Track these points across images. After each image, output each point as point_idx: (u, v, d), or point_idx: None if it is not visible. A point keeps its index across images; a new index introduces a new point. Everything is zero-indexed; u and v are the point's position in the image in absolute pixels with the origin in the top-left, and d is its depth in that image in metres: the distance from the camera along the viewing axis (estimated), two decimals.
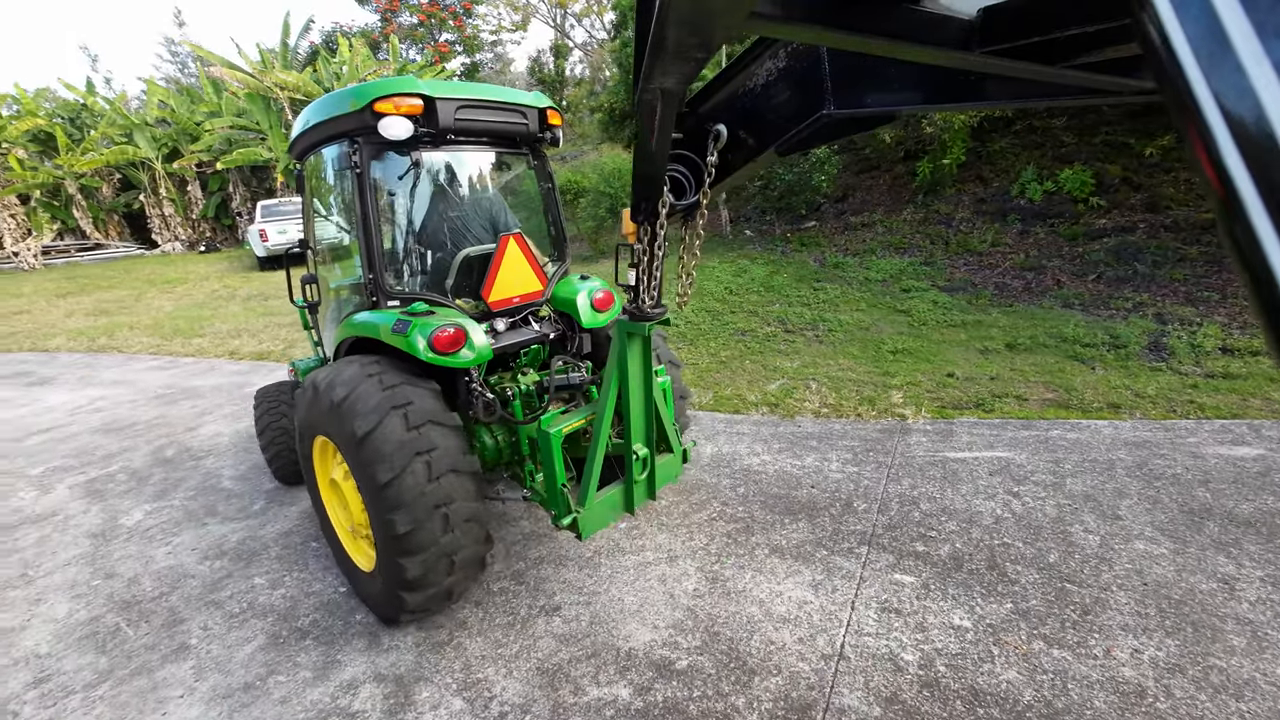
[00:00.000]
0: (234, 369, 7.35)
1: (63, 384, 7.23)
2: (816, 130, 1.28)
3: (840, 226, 11.76)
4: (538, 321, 3.07)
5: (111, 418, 5.85)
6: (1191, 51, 0.35)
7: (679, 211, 1.68)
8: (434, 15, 27.89)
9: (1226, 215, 0.34)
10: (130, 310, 12.03)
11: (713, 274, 10.29)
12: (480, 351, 2.53)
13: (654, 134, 1.30)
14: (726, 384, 5.72)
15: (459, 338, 2.45)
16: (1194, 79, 0.35)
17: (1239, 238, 0.34)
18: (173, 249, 21.08)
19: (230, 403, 6.06)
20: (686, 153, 1.58)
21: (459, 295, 2.94)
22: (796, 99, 1.29)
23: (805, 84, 1.26)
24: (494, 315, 2.92)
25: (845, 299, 8.50)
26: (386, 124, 2.49)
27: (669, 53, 0.88)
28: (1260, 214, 0.33)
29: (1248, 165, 0.33)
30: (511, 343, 2.90)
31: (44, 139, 20.43)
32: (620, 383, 2.35)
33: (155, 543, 3.52)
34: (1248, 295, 0.35)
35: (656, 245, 1.85)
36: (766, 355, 6.62)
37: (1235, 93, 0.33)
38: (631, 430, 2.48)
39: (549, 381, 2.89)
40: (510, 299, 2.93)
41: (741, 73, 1.40)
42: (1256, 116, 0.32)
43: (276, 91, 18.74)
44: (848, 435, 4.39)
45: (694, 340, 7.33)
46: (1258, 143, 0.33)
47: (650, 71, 0.97)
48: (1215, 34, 0.34)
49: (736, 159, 1.50)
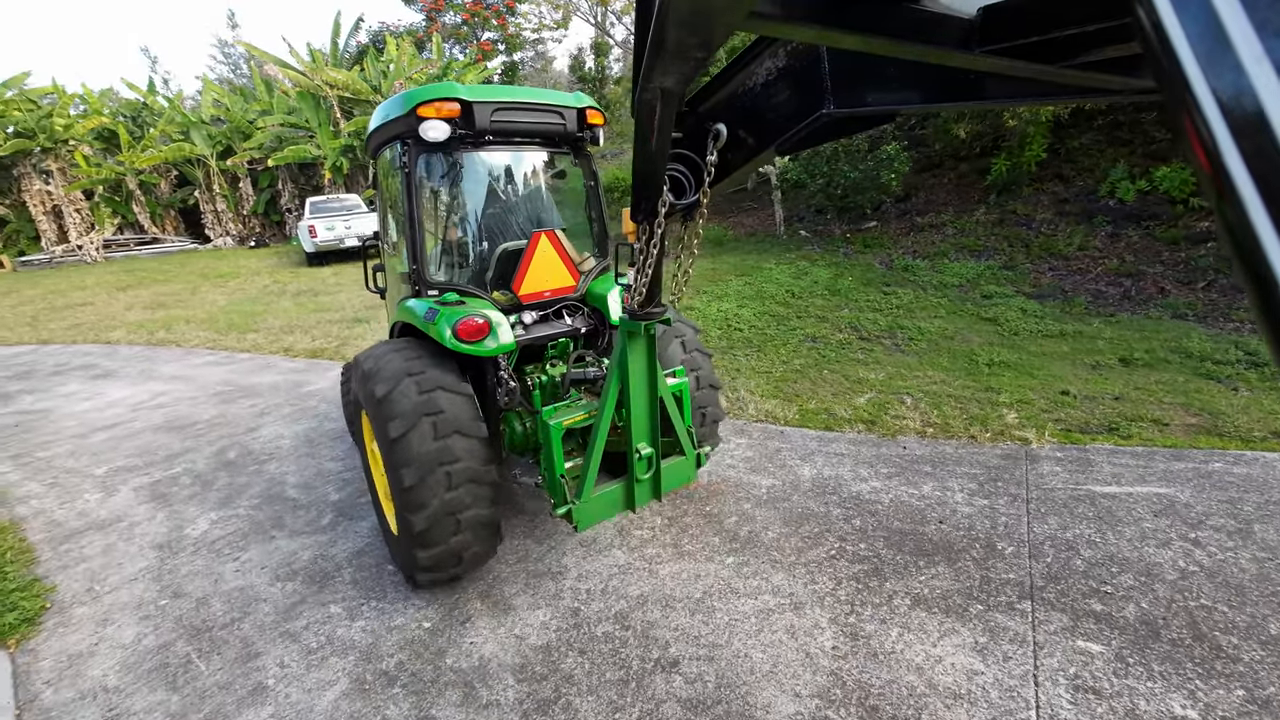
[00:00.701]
0: (289, 366, 7.24)
1: (124, 378, 7.23)
2: (816, 129, 1.27)
3: (905, 227, 11.12)
4: (571, 316, 3.16)
5: (173, 415, 5.76)
6: (1191, 50, 0.35)
7: (679, 211, 1.67)
8: (477, 14, 28.04)
9: (1225, 214, 0.34)
10: (186, 304, 12.22)
11: (771, 276, 9.82)
12: (503, 342, 2.66)
13: (654, 133, 1.29)
14: (808, 396, 5.27)
15: (483, 328, 2.58)
16: (1194, 78, 0.35)
17: (1238, 237, 0.34)
18: (224, 244, 21.62)
19: (288, 403, 5.90)
20: (686, 152, 1.57)
21: (496, 288, 3.07)
22: (796, 98, 1.28)
23: (805, 83, 1.25)
24: (525, 308, 3.03)
25: (921, 305, 7.94)
26: (426, 127, 2.66)
27: (669, 52, 0.87)
28: (1260, 213, 0.33)
29: (1247, 164, 0.33)
30: (538, 335, 3.00)
31: (107, 136, 21.22)
32: (621, 380, 2.36)
33: (223, 558, 3.29)
34: (1247, 294, 0.35)
35: (655, 244, 1.84)
36: (845, 365, 6.14)
37: (1235, 92, 0.33)
38: (634, 429, 2.46)
39: (565, 374, 3.02)
40: (541, 293, 3.04)
41: (741, 72, 1.39)
42: (1256, 115, 0.32)
43: (326, 90, 18.99)
44: (964, 460, 3.90)
45: (761, 346, 6.89)
46: (1257, 142, 0.32)
47: (650, 71, 0.97)
48: (1215, 33, 0.34)
49: (736, 158, 1.48)
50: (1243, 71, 0.32)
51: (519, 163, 3.31)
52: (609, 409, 2.42)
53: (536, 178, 3.42)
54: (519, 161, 3.30)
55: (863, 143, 9.72)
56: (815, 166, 10.25)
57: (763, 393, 5.41)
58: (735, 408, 5.09)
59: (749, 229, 14.35)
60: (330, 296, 11.88)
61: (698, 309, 8.62)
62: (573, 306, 3.19)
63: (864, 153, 9.77)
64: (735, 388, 5.58)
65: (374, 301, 11.03)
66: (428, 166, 2.96)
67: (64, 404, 6.32)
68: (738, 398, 5.32)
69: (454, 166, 3.01)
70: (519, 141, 3.05)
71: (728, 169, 1.52)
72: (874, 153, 9.76)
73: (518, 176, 3.35)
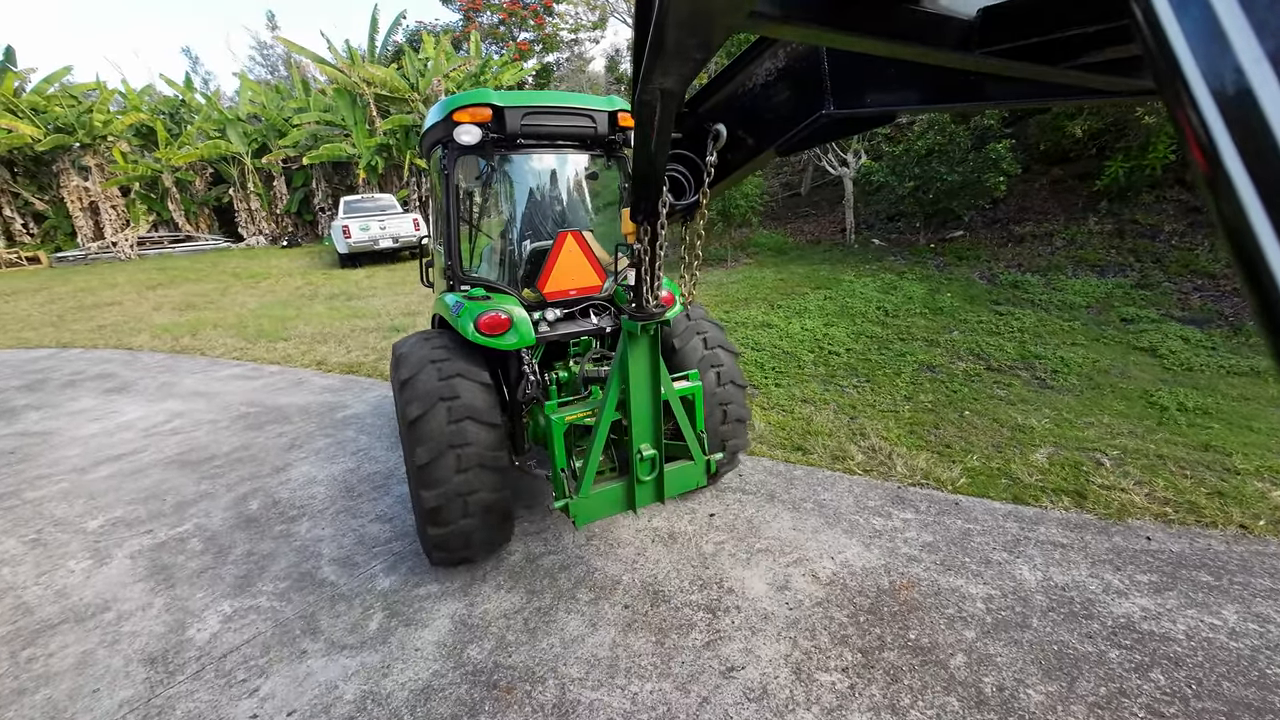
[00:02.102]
0: (323, 384, 6.38)
1: (141, 392, 6.45)
2: (815, 130, 1.25)
3: (1001, 237, 9.90)
4: (598, 315, 3.19)
5: (189, 444, 4.90)
6: (1190, 51, 0.35)
7: (679, 211, 1.66)
8: (515, 14, 27.49)
9: (1223, 215, 0.34)
10: (215, 305, 11.58)
11: (853, 289, 8.71)
12: (523, 336, 2.76)
13: (653, 134, 1.28)
14: (962, 447, 4.18)
15: (504, 322, 2.69)
16: (1192, 79, 0.35)
17: (1236, 238, 0.33)
18: (256, 243, 21.25)
19: (321, 432, 5.01)
20: (686, 152, 1.56)
21: (526, 285, 3.16)
22: (796, 99, 1.27)
23: (805, 84, 1.24)
24: (549, 305, 3.08)
25: (1048, 328, 6.76)
26: (460, 131, 2.78)
27: (668, 53, 0.88)
28: (1258, 213, 0.32)
29: (1245, 165, 0.33)
30: (563, 333, 3.06)
31: (145, 133, 21.03)
32: (622, 381, 2.36)
33: (235, 689, 2.34)
34: (1245, 295, 0.34)
35: (657, 244, 1.82)
36: (985, 403, 5.02)
37: (1234, 93, 0.33)
38: (636, 429, 2.46)
39: (580, 371, 3.12)
40: (565, 291, 3.09)
41: (741, 73, 1.38)
42: (1255, 116, 0.32)
43: (363, 87, 18.45)
44: (1254, 566, 2.78)
45: (870, 376, 5.80)
46: (1256, 143, 0.32)
47: (650, 72, 0.97)
48: (1214, 34, 0.34)
49: (736, 159, 1.48)
50: (1241, 72, 0.32)
51: (551, 165, 3.38)
52: (610, 407, 2.43)
53: (568, 179, 3.49)
54: (551, 164, 3.38)
55: (965, 139, 8.55)
56: (904, 168, 9.11)
57: (901, 440, 4.33)
58: (876, 462, 4.02)
59: (810, 236, 13.24)
60: (364, 301, 11.11)
61: (776, 325, 7.56)
62: (600, 306, 3.22)
63: (965, 152, 8.60)
64: (861, 431, 4.51)
65: (410, 308, 10.23)
66: (464, 168, 3.09)
67: (71, 425, 5.53)
68: (871, 446, 4.25)
69: (487, 168, 3.15)
70: (550, 144, 3.10)
71: (727, 169, 1.50)
72: (977, 152, 8.58)
73: (550, 178, 3.43)
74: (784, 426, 4.74)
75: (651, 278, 1.97)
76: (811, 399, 5.35)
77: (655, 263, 1.90)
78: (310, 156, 18.23)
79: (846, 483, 3.79)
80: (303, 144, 19.39)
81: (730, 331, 7.58)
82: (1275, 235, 0.31)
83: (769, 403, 5.29)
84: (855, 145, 10.60)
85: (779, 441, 4.45)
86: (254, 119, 21.39)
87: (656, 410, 2.48)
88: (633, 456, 2.51)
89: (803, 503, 3.56)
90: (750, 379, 5.92)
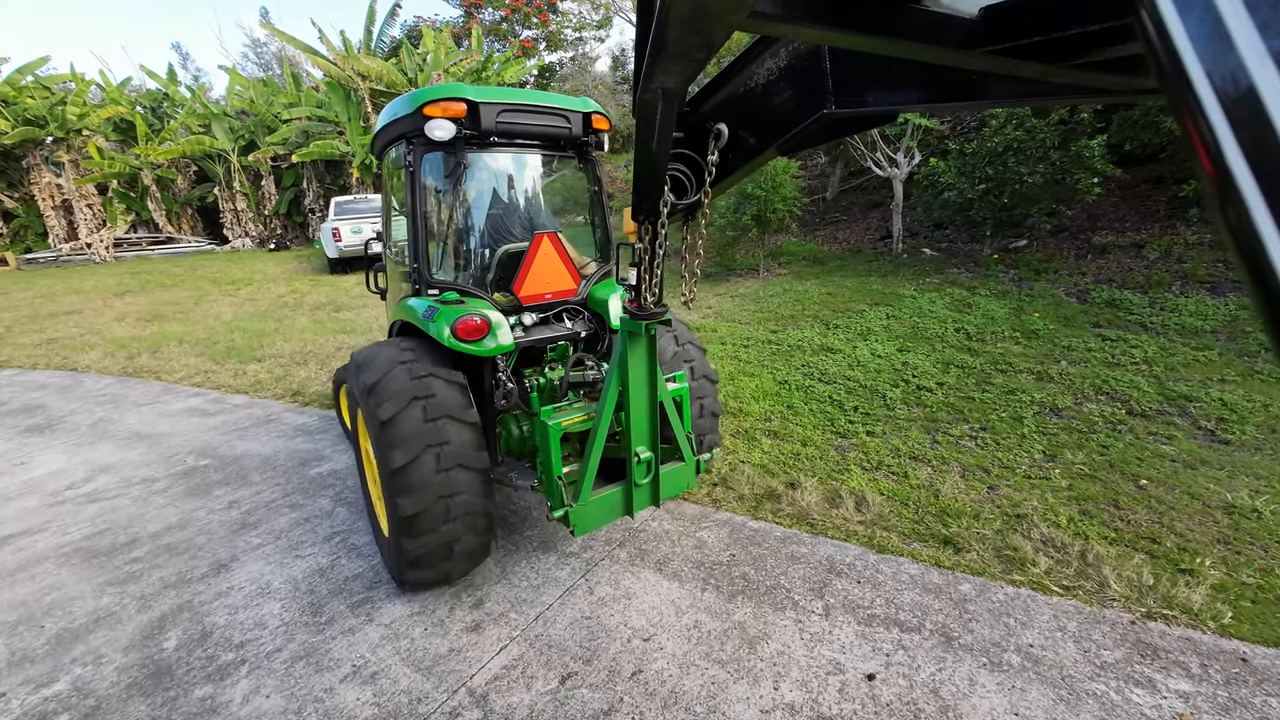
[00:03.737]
0: (297, 424, 5.13)
1: (69, 433, 5.18)
2: (817, 129, 1.24)
3: (1077, 247, 8.75)
4: (572, 319, 3.11)
5: (106, 520, 3.65)
6: (1194, 50, 0.35)
7: (680, 210, 1.65)
8: (518, 10, 26.43)
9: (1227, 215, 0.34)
10: (186, 316, 10.30)
11: (918, 307, 7.55)
12: (501, 342, 2.62)
13: (655, 133, 1.28)
14: (1172, 542, 2.99)
15: (481, 327, 2.55)
16: (1196, 78, 0.34)
17: (1240, 238, 0.33)
18: (242, 245, 19.94)
19: (286, 500, 3.77)
20: (688, 152, 1.55)
21: (497, 289, 3.05)
22: (797, 98, 1.26)
23: (806, 83, 1.23)
24: (525, 309, 2.97)
25: (1179, 360, 5.60)
26: (431, 126, 2.64)
27: (670, 52, 0.87)
28: (1262, 212, 0.32)
29: (1250, 164, 0.33)
30: (538, 337, 2.95)
31: (125, 128, 19.73)
32: (621, 382, 2.31)
33: None
34: (1250, 296, 0.35)
35: (658, 244, 1.80)
36: (1155, 465, 3.84)
37: (1238, 92, 0.33)
38: (634, 432, 2.40)
39: (564, 376, 3.01)
40: (541, 295, 3.00)
41: (742, 72, 1.38)
42: (1259, 116, 0.32)
43: (358, 81, 17.26)
44: None
45: (984, 423, 4.61)
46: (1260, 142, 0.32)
47: (651, 71, 0.97)
48: (1218, 33, 0.34)
49: (738, 158, 1.47)
50: (1245, 71, 0.32)
51: (523, 165, 3.24)
52: (608, 411, 2.36)
53: (540, 180, 3.37)
54: (523, 164, 3.24)
55: (1049, 135, 7.42)
56: (975, 168, 7.97)
57: (1082, 530, 3.14)
58: (1071, 570, 2.82)
59: (847, 244, 12.08)
60: (354, 313, 9.87)
61: (840, 349, 6.38)
62: (573, 310, 3.14)
63: (1047, 150, 7.46)
64: (1017, 510, 3.32)
65: None
66: (432, 166, 2.89)
67: None
68: (1046, 539, 3.06)
69: (458, 167, 2.91)
70: (524, 144, 3.01)
71: (729, 169, 1.50)
72: (1063, 150, 7.44)
73: (522, 179, 3.28)
74: (905, 500, 3.54)
75: (651, 277, 1.95)
76: (922, 455, 4.15)
77: (655, 262, 1.88)
78: (301, 154, 16.98)
79: (1047, 611, 2.58)
80: (293, 141, 18.13)
81: (785, 357, 6.39)
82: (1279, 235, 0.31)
83: (869, 460, 4.09)
84: (908, 143, 9.46)
85: (911, 529, 3.25)
86: (242, 114, 20.13)
87: (654, 412, 2.44)
88: (630, 459, 2.45)
89: (1001, 652, 2.35)
90: (833, 423, 4.72)
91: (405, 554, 2.43)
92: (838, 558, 3.01)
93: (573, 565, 3.01)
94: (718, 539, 3.21)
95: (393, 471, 2.32)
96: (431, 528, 2.38)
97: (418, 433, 2.34)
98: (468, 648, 2.47)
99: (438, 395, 2.42)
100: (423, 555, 2.43)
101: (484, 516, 2.51)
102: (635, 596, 2.76)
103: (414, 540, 2.39)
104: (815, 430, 4.61)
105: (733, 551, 3.10)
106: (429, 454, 2.34)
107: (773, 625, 2.55)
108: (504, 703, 2.20)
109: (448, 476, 2.37)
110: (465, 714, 2.15)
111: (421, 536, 2.39)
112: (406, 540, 2.40)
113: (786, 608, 2.65)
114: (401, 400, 2.37)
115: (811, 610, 2.63)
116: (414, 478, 2.32)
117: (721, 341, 7.08)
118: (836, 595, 2.73)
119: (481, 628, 2.58)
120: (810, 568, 2.94)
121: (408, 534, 2.39)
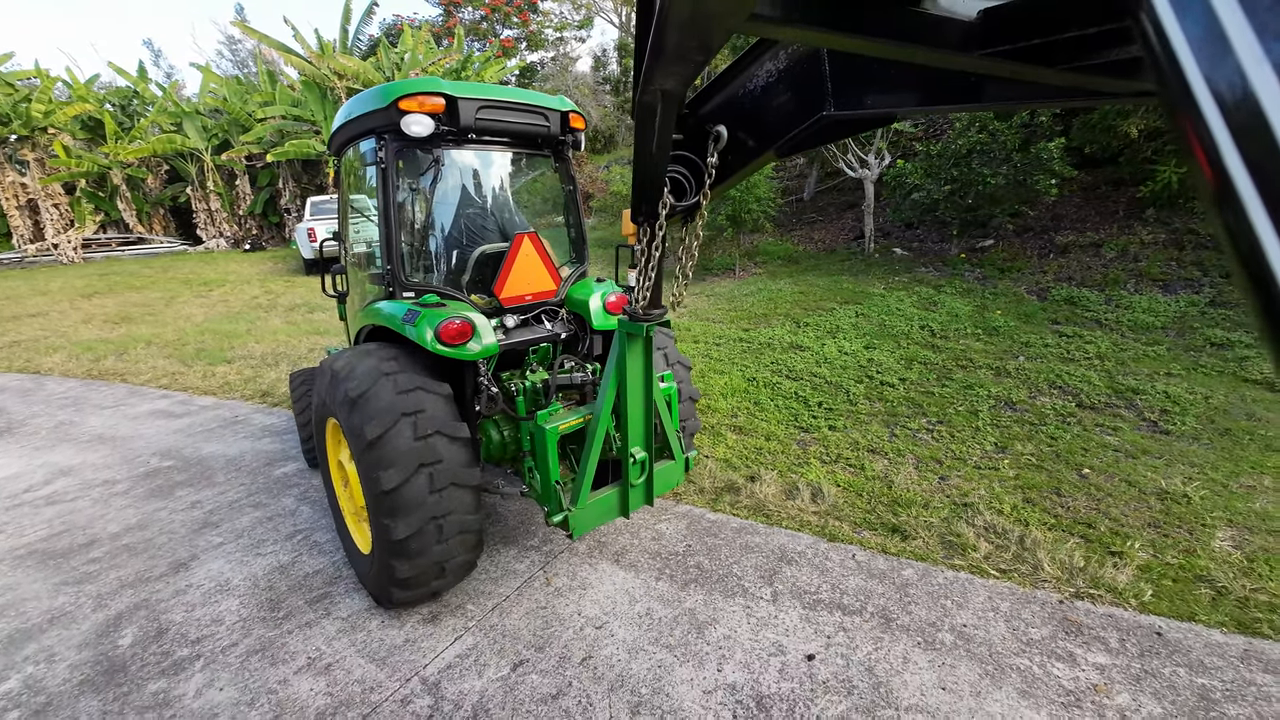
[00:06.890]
0: (265, 424, 5.11)
1: (29, 436, 5.11)
2: (816, 131, 1.26)
3: (1040, 247, 9.02)
4: (551, 321, 3.06)
5: (64, 521, 3.62)
6: (1192, 53, 0.35)
7: (679, 212, 1.64)
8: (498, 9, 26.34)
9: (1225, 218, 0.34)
10: (155, 318, 10.14)
11: (887, 305, 7.73)
12: (486, 345, 2.52)
13: (654, 135, 1.29)
14: (1106, 526, 3.14)
15: (465, 330, 2.46)
16: (1194, 81, 0.34)
17: (1238, 241, 0.33)
18: (216, 246, 19.60)
19: (250, 499, 3.78)
20: (687, 154, 1.54)
21: (474, 291, 2.98)
22: (796, 100, 1.27)
23: (805, 85, 1.24)
24: (505, 311, 2.91)
25: (1130, 355, 5.82)
26: (409, 121, 2.53)
27: (669, 55, 0.87)
28: (1261, 216, 0.32)
29: (1248, 167, 0.32)
30: (520, 339, 2.90)
31: (93, 126, 19.28)
32: (619, 383, 2.29)
33: None
34: (1247, 299, 0.34)
35: (655, 246, 1.80)
36: (1099, 455, 4.01)
37: (1236, 95, 0.33)
38: (630, 433, 2.39)
39: (551, 379, 2.94)
40: (522, 296, 2.94)
41: (741, 74, 1.38)
42: (1257, 119, 0.32)
43: (334, 80, 17.09)
44: None
45: (941, 416, 4.76)
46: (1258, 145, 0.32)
47: (650, 73, 0.97)
48: (1216, 36, 0.34)
49: (737, 160, 1.47)
50: (1243, 74, 0.32)
51: (499, 164, 3.21)
52: (605, 412, 2.32)
53: (517, 180, 3.34)
54: (499, 162, 3.20)
55: (1011, 138, 7.65)
56: (941, 169, 8.17)
57: (1023, 517, 3.29)
58: (1009, 554, 2.96)
59: (822, 244, 12.28)
60: (328, 314, 9.80)
61: (809, 347, 6.52)
62: (551, 311, 3.09)
63: (1009, 152, 7.69)
64: (964, 499, 3.46)
65: None
66: (406, 163, 2.79)
67: None
68: (988, 525, 3.19)
69: (434, 164, 2.84)
70: (500, 142, 2.93)
71: (728, 171, 1.49)
72: (1024, 152, 7.67)
73: (498, 178, 3.24)
74: (859, 491, 3.66)
75: (645, 278, 1.94)
76: (879, 448, 4.28)
77: (651, 264, 1.88)
78: (275, 153, 16.74)
79: (983, 593, 2.71)
80: (268, 140, 17.88)
81: (755, 355, 6.51)
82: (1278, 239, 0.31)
83: (829, 453, 4.21)
84: (878, 144, 9.66)
85: (862, 518, 3.36)
86: (215, 113, 19.78)
87: (649, 412, 2.44)
88: (626, 460, 2.44)
89: (936, 632, 2.47)
90: (797, 419, 4.84)
91: (395, 575, 2.34)
92: (790, 546, 3.12)
93: (532, 558, 3.08)
94: (675, 530, 3.30)
95: (383, 493, 2.20)
96: (424, 550, 2.28)
97: (409, 452, 2.22)
98: (423, 638, 2.52)
99: (427, 410, 2.31)
100: (413, 577, 2.35)
101: (475, 533, 2.44)
102: (591, 587, 2.83)
103: (406, 562, 2.30)
104: (779, 425, 4.72)
105: (689, 542, 3.19)
106: (422, 474, 2.23)
107: (722, 611, 2.64)
108: (455, 689, 2.25)
109: (441, 496, 2.26)
110: (416, 701, 2.21)
111: (414, 559, 2.29)
112: (398, 562, 2.30)
113: (736, 594, 2.75)
114: (389, 418, 2.23)
115: (760, 596, 2.73)
116: (406, 500, 2.20)
117: (695, 340, 7.18)
118: (785, 582, 2.83)
119: (438, 619, 2.63)
120: (763, 556, 3.04)
121: (399, 556, 2.29)
